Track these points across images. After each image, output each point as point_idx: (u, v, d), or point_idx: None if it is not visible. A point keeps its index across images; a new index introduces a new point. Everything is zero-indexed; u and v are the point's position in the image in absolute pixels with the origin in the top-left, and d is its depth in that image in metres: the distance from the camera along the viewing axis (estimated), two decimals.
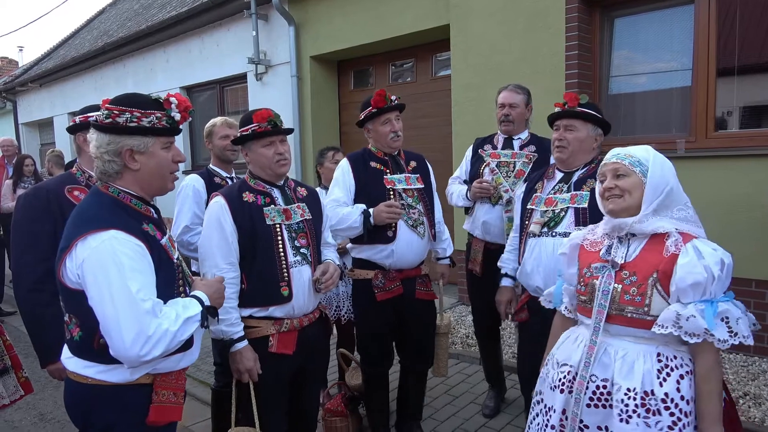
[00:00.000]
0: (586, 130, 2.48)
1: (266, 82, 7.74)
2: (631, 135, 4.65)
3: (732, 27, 4.18)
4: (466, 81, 5.48)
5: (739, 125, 4.30)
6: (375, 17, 6.32)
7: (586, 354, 1.81)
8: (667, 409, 1.68)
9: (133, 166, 1.72)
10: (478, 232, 3.32)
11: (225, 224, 2.26)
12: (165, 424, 1.77)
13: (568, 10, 4.64)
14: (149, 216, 1.78)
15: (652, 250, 1.77)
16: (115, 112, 1.68)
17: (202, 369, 4.44)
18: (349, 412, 3.29)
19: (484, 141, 3.44)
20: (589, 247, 1.93)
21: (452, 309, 5.57)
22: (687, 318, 1.64)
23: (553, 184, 2.59)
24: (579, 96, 2.49)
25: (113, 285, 1.55)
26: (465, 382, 4.06)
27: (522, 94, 3.30)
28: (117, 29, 11.50)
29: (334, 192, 2.94)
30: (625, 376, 1.73)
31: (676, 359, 1.73)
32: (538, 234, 2.51)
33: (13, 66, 18.91)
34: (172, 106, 1.76)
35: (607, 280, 1.80)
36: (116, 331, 1.55)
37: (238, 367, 2.24)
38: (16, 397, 2.85)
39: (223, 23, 8.23)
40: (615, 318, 1.78)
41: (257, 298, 2.30)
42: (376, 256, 2.93)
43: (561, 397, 1.85)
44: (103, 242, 1.58)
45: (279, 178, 2.42)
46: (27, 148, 13.70)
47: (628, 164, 1.81)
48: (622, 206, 1.81)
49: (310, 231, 2.44)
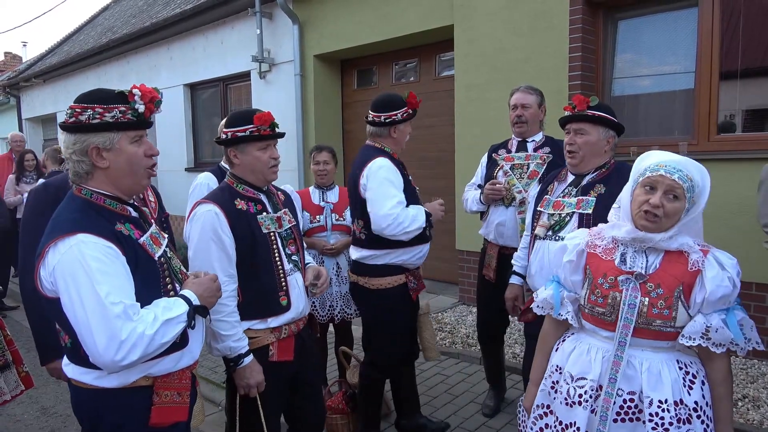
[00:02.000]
0: (597, 134, 2.42)
1: (270, 81, 7.75)
2: (634, 137, 4.66)
3: (735, 30, 4.18)
4: (469, 81, 5.49)
5: (742, 128, 4.30)
6: (379, 16, 6.33)
7: (611, 369, 1.75)
8: (698, 417, 1.68)
9: (102, 164, 1.65)
10: (492, 236, 3.31)
11: (223, 235, 2.13)
12: (169, 424, 1.74)
13: (572, 11, 4.65)
14: (126, 215, 1.72)
15: (673, 261, 1.73)
16: (77, 111, 1.63)
17: (204, 365, 4.45)
18: (350, 410, 3.30)
19: (499, 146, 3.44)
20: (603, 254, 1.83)
21: (453, 309, 5.59)
22: (716, 330, 1.65)
23: (563, 187, 2.56)
24: (589, 98, 2.43)
25: (82, 290, 1.50)
26: (465, 382, 4.07)
27: (534, 94, 3.28)
28: (121, 26, 11.52)
29: (396, 194, 2.76)
30: (654, 388, 1.70)
31: (693, 365, 1.75)
32: (543, 237, 2.49)
33: (16, 61, 18.94)
34: (136, 98, 1.67)
35: (633, 293, 1.72)
36: (89, 337, 1.50)
37: (248, 382, 2.15)
38: (17, 392, 2.86)
39: (227, 21, 8.24)
40: (641, 332, 1.73)
41: (256, 311, 2.21)
42: (413, 257, 2.94)
43: (584, 413, 1.76)
44: (71, 247, 1.53)
45: (266, 184, 2.33)
46: (30, 143, 13.70)
47: (686, 189, 1.68)
48: (658, 228, 1.71)
49: (298, 236, 2.40)
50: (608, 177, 2.44)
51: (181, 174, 9.43)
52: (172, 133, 9.63)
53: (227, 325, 2.12)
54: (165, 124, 9.81)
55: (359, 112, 7.39)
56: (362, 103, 7.33)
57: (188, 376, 1.81)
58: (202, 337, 1.88)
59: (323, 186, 3.67)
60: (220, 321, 2.11)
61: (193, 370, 1.87)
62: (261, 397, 2.20)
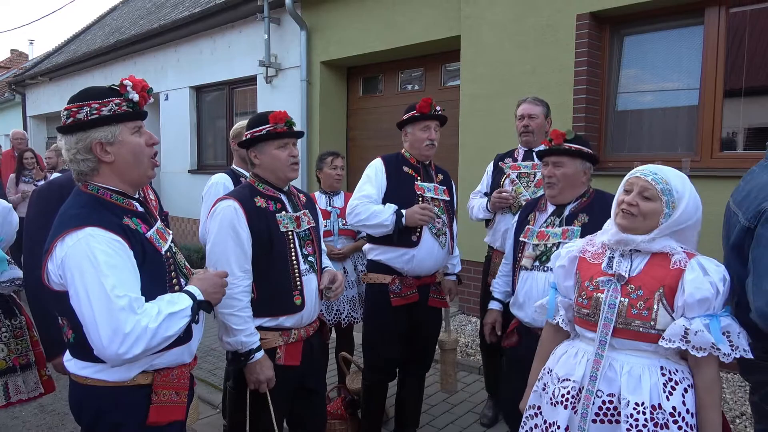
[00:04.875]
0: (575, 166, 2.48)
1: (276, 86, 7.80)
2: (637, 152, 4.69)
3: (740, 48, 4.22)
4: (474, 92, 5.52)
5: (744, 146, 4.33)
6: (386, 25, 6.38)
7: (592, 368, 1.81)
8: (675, 423, 1.69)
9: (107, 159, 1.67)
10: (498, 243, 3.32)
11: (240, 230, 2.17)
12: (167, 423, 1.75)
13: (579, 26, 4.69)
14: (132, 210, 1.73)
15: (656, 264, 1.79)
16: (74, 110, 1.64)
17: (203, 367, 4.46)
18: (349, 416, 3.31)
19: (505, 155, 3.48)
20: (591, 259, 1.92)
21: (453, 318, 5.59)
22: (695, 332, 1.67)
23: (545, 217, 2.59)
24: (566, 132, 2.52)
25: (88, 282, 1.52)
26: (464, 391, 4.07)
27: (541, 105, 3.35)
28: (129, 27, 11.59)
29: (365, 188, 2.95)
30: (632, 391, 1.73)
31: (678, 373, 1.76)
32: (530, 267, 2.52)
33: (23, 59, 19.03)
34: (128, 89, 1.68)
35: (613, 293, 1.80)
36: (93, 330, 1.52)
37: (258, 377, 2.17)
38: (35, 393, 2.84)
39: (235, 25, 8.30)
40: (621, 332, 1.78)
41: (269, 308, 2.23)
42: (397, 260, 2.94)
43: (565, 413, 1.83)
44: (78, 240, 1.55)
45: (286, 183, 2.38)
46: (34, 140, 13.76)
47: (660, 190, 1.77)
48: (633, 225, 1.81)
49: (316, 238, 2.43)
50: (590, 206, 2.50)
51: (184, 176, 9.45)
52: (177, 135, 9.66)
53: (239, 319, 2.14)
54: (169, 125, 9.85)
55: (364, 119, 7.42)
56: (367, 111, 7.37)
57: (187, 376, 1.82)
58: (200, 335, 1.89)
59: (332, 191, 3.69)
60: (232, 315, 2.13)
61: (192, 369, 1.88)
62: (270, 393, 2.21)
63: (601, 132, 4.87)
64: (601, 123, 4.86)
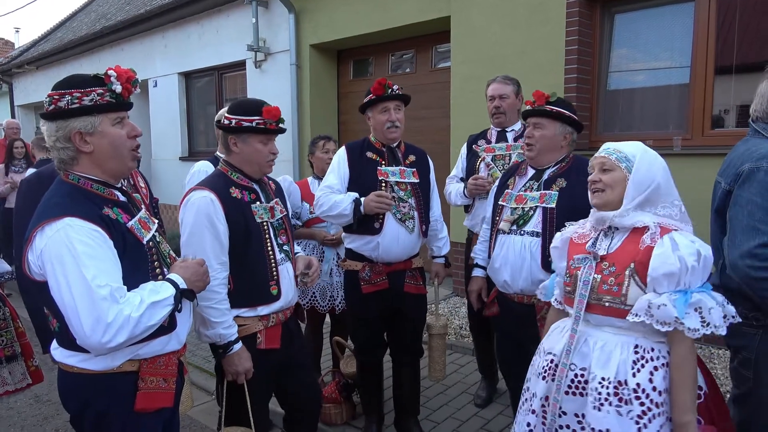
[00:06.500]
0: (554, 128, 2.50)
1: (265, 70, 7.71)
2: (629, 131, 4.67)
3: (731, 25, 4.19)
4: (465, 73, 5.48)
5: (736, 124, 4.32)
6: (376, 7, 6.30)
7: (568, 342, 1.87)
8: (637, 399, 1.72)
9: (86, 149, 1.66)
10: (478, 228, 3.29)
11: (218, 223, 2.15)
12: (154, 410, 1.75)
13: (569, 4, 4.64)
14: (113, 199, 1.73)
15: (632, 242, 1.81)
16: (55, 97, 1.63)
17: (198, 354, 4.46)
18: (343, 399, 3.33)
19: (478, 137, 3.46)
20: (578, 239, 1.98)
21: (446, 300, 5.61)
22: (658, 306, 1.67)
23: (524, 181, 2.61)
24: (550, 94, 2.51)
25: (69, 273, 1.52)
26: (457, 373, 4.10)
27: (511, 84, 3.32)
28: (115, 13, 11.40)
29: (329, 179, 2.97)
30: (602, 366, 1.78)
31: (654, 351, 1.77)
32: (507, 231, 2.54)
33: (9, 47, 18.72)
34: (112, 79, 1.67)
35: (588, 270, 1.85)
36: (75, 320, 1.52)
37: (236, 369, 2.18)
38: (22, 385, 2.84)
39: (222, 9, 8.17)
40: (594, 307, 1.82)
41: (246, 299, 2.24)
42: (363, 247, 2.94)
43: (543, 384, 1.91)
44: (57, 231, 1.54)
45: (261, 176, 2.36)
46: (23, 130, 13.61)
47: (615, 159, 1.85)
48: (604, 200, 1.87)
49: (288, 226, 2.43)
50: (568, 171, 2.51)
51: (175, 163, 9.38)
52: (166, 122, 9.57)
53: (217, 312, 2.13)
54: (159, 113, 9.75)
55: (355, 103, 7.35)
56: (358, 94, 7.31)
57: (174, 363, 1.82)
58: (189, 323, 1.89)
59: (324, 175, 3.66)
60: (210, 308, 2.12)
61: (181, 356, 1.88)
62: (248, 384, 2.22)
63: (593, 111, 4.85)
64: (592, 102, 4.84)
